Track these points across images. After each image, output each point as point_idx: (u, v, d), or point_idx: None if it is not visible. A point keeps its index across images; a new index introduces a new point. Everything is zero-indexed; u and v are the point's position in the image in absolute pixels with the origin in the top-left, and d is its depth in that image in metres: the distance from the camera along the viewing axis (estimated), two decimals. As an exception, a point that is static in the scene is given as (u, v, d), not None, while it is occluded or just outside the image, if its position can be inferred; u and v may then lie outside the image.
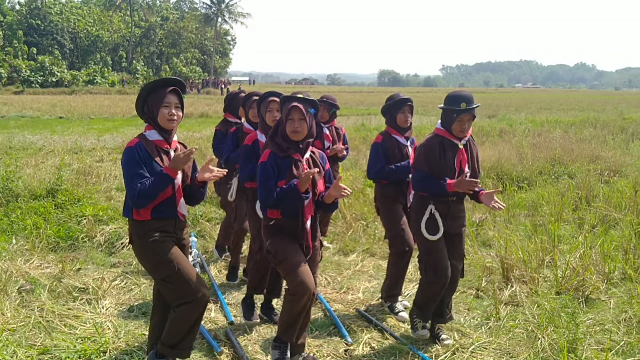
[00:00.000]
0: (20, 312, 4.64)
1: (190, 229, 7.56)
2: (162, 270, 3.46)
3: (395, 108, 5.02)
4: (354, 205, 8.26)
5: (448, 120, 4.22)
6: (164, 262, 3.44)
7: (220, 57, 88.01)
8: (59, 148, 14.54)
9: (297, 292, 3.72)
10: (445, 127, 4.25)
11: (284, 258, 3.80)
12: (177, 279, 3.45)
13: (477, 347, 4.33)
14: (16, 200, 7.90)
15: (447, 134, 4.25)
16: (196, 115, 29.35)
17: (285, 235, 3.88)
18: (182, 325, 3.55)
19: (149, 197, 3.32)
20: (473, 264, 6.10)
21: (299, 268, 3.75)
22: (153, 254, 3.46)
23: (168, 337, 3.58)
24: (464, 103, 4.13)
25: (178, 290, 3.48)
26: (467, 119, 4.16)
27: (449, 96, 4.29)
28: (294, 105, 3.77)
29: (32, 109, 31.95)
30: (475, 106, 4.16)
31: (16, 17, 70.56)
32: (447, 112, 4.22)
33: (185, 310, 3.50)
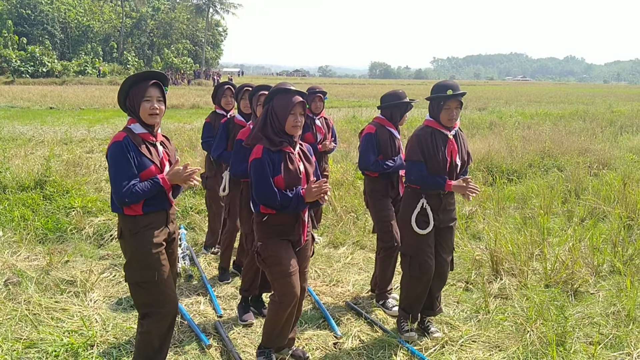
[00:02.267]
0: (7, 305, 4.60)
1: (180, 221, 7.53)
2: (141, 274, 3.36)
3: (405, 108, 5.02)
4: (344, 197, 8.25)
5: (436, 110, 4.21)
6: (147, 267, 3.35)
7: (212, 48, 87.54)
8: (48, 139, 14.43)
9: (284, 300, 3.69)
10: (434, 117, 4.24)
11: (274, 263, 3.72)
12: (152, 288, 3.37)
13: (466, 340, 4.34)
14: (4, 191, 7.84)
15: (437, 125, 4.23)
16: (187, 106, 29.22)
17: (278, 236, 3.76)
18: (150, 340, 3.47)
19: (137, 199, 3.26)
20: (463, 256, 6.11)
21: (289, 276, 3.68)
22: (141, 255, 3.36)
23: (138, 354, 3.52)
24: (450, 90, 4.12)
25: (146, 298, 3.41)
26: (454, 106, 4.16)
27: (435, 86, 4.29)
28: (300, 100, 3.71)
29: (23, 99, 31.65)
30: (462, 93, 4.15)
31: (6, 7, 69.76)
32: (435, 101, 4.22)
33: (151, 325, 3.44)
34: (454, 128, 4.27)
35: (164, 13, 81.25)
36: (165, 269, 3.42)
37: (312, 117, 6.63)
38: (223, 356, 4.09)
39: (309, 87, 6.75)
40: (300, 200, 3.63)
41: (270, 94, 3.83)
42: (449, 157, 4.20)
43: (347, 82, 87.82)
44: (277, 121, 3.72)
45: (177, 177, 3.35)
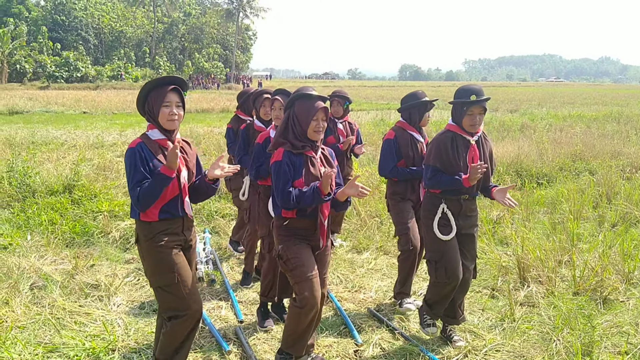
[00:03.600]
0: (31, 309, 4.67)
1: (205, 225, 7.57)
2: (162, 278, 3.39)
3: (425, 108, 4.95)
4: (369, 202, 8.18)
5: (458, 115, 4.13)
6: (166, 271, 3.37)
7: (242, 52, 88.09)
8: (80, 143, 14.67)
9: (305, 304, 3.65)
10: (457, 122, 4.16)
11: (295, 266, 3.69)
12: (174, 291, 3.39)
13: (490, 349, 4.24)
14: (33, 196, 7.98)
15: (459, 130, 4.15)
16: (217, 110, 29.45)
17: (298, 241, 3.75)
18: (173, 340, 3.49)
19: (150, 198, 3.25)
20: (489, 263, 6.01)
21: (310, 280, 3.65)
22: (157, 259, 3.38)
23: (161, 351, 3.54)
24: (474, 95, 4.03)
25: (172, 302, 3.42)
26: (477, 111, 4.07)
27: (458, 90, 4.21)
28: (323, 107, 3.69)
29: (57, 104, 32.32)
30: (485, 98, 4.06)
31: (41, 13, 71.45)
32: (457, 106, 4.14)
33: (177, 325, 3.45)
34: (477, 133, 4.19)
35: (195, 18, 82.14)
36: (184, 271, 3.43)
37: (334, 121, 6.61)
38: (242, 362, 4.08)
39: (332, 91, 6.74)
40: (316, 192, 3.56)
41: (291, 99, 3.82)
42: (470, 163, 4.11)
43: (376, 85, 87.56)
44: (299, 126, 3.70)
45: (169, 160, 3.25)
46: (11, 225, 6.99)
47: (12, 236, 6.49)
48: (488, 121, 20.28)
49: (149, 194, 3.24)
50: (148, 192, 3.24)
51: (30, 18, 69.82)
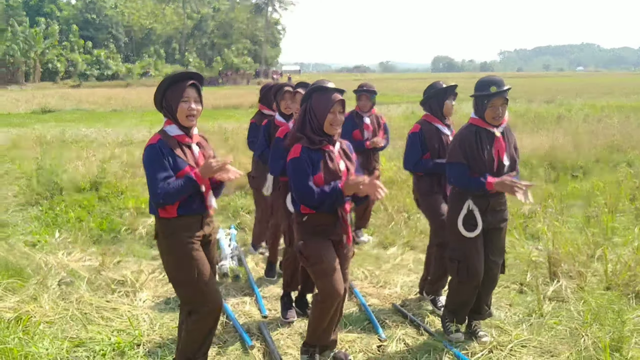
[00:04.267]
0: (59, 304, 4.73)
1: (231, 221, 7.59)
2: (180, 274, 3.38)
3: (444, 95, 4.86)
4: (397, 196, 8.10)
5: (480, 108, 4.02)
6: (185, 266, 3.37)
7: (271, 47, 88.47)
8: (110, 140, 14.88)
9: (327, 299, 3.62)
10: (479, 116, 4.06)
11: (316, 262, 3.65)
12: (192, 286, 3.38)
13: (516, 344, 4.15)
14: (60, 193, 8.11)
15: (482, 123, 4.05)
16: (246, 105, 29.58)
17: (319, 236, 3.70)
18: (195, 338, 3.50)
19: (174, 198, 3.25)
20: (519, 257, 5.89)
21: (332, 274, 3.61)
22: (176, 255, 3.38)
23: (184, 348, 3.55)
24: (494, 86, 3.93)
25: (191, 297, 3.43)
26: (499, 103, 3.96)
27: (478, 82, 4.10)
28: (340, 99, 3.64)
29: (88, 102, 32.96)
30: (506, 89, 3.95)
31: (72, 12, 72.82)
32: (478, 99, 4.03)
33: (197, 322, 3.45)
34: (502, 125, 4.08)
35: (224, 13, 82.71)
36: (203, 267, 3.41)
37: (360, 115, 6.55)
38: (265, 357, 4.07)
39: (359, 85, 6.68)
40: (338, 193, 3.51)
41: (308, 93, 3.77)
42: (496, 156, 4.00)
43: (408, 77, 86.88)
44: (316, 120, 3.65)
45: (208, 170, 3.28)
46: (40, 223, 7.12)
47: (41, 233, 6.61)
48: (523, 113, 19.93)
49: (174, 194, 3.23)
50: (174, 192, 3.23)
51: (61, 17, 71.22)
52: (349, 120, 6.44)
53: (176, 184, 3.24)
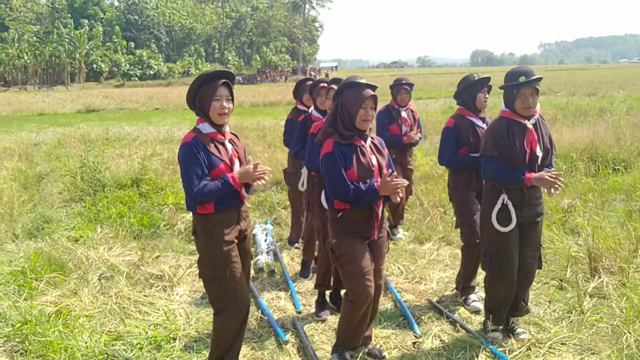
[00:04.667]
0: (98, 298, 4.84)
1: (267, 216, 7.64)
2: (213, 271, 3.43)
3: (475, 88, 4.79)
4: (432, 191, 8.02)
5: (510, 99, 3.96)
6: (219, 264, 3.41)
7: (309, 44, 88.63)
8: (151, 138, 15.15)
9: (357, 300, 3.61)
10: (510, 108, 3.99)
11: (348, 262, 3.65)
12: (223, 284, 3.43)
13: (555, 342, 4.06)
14: (103, 190, 8.30)
15: (514, 115, 3.98)
16: (284, 103, 29.72)
17: (353, 234, 3.69)
18: (224, 337, 3.54)
19: (211, 198, 3.31)
20: (558, 253, 5.76)
21: (363, 275, 3.60)
22: (212, 253, 3.43)
23: (214, 349, 3.60)
24: (523, 76, 3.85)
25: (219, 294, 3.47)
26: (529, 93, 3.88)
27: (507, 73, 4.04)
28: (371, 94, 3.63)
29: (131, 101, 33.62)
30: (536, 78, 3.86)
31: (115, 13, 74.44)
32: (508, 90, 3.97)
33: (225, 321, 3.49)
34: (534, 116, 4.00)
35: (262, 12, 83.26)
36: (236, 266, 3.46)
37: (397, 109, 6.51)
38: (299, 352, 4.08)
39: (395, 79, 6.65)
40: (374, 193, 3.53)
41: (340, 88, 3.78)
42: (529, 148, 3.92)
43: (446, 72, 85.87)
44: (347, 115, 3.65)
45: (246, 177, 3.36)
46: (83, 219, 7.30)
47: (84, 229, 6.77)
48: (564, 106, 19.48)
49: (210, 195, 3.29)
50: (210, 193, 3.29)
51: (105, 19, 72.85)
52: (385, 115, 6.42)
53: (212, 185, 3.30)
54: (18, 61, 61.80)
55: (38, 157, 13.05)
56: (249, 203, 7.72)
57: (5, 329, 4.15)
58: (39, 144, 15.02)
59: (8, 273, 5.20)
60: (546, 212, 6.75)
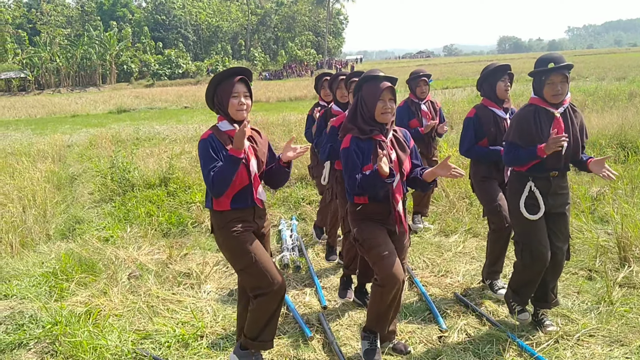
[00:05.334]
0: (127, 297, 4.93)
1: (292, 212, 7.67)
2: (241, 261, 3.51)
3: (494, 76, 4.73)
4: (458, 183, 7.94)
5: (539, 86, 3.91)
6: (242, 253, 3.48)
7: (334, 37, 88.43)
8: (180, 137, 15.33)
9: (386, 283, 3.60)
10: (538, 95, 3.94)
11: (371, 246, 3.66)
12: (255, 270, 3.49)
13: (584, 334, 4.00)
14: (132, 189, 8.44)
15: (542, 102, 3.92)
16: (310, 97, 29.75)
17: (373, 222, 3.73)
18: (260, 317, 3.59)
19: (223, 181, 3.34)
20: (587, 242, 5.66)
21: (388, 258, 3.60)
22: (232, 244, 3.51)
23: (249, 329, 3.65)
24: (552, 63, 3.79)
25: (255, 281, 3.52)
26: (558, 80, 3.81)
27: (537, 60, 3.99)
28: (388, 86, 3.62)
29: (161, 100, 34.06)
30: (565, 65, 3.80)
31: (143, 14, 75.35)
32: (537, 77, 3.92)
33: (263, 302, 3.54)
34: (563, 105, 3.93)
35: (287, 7, 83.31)
36: (259, 251, 3.53)
37: (417, 102, 6.47)
38: (324, 348, 4.10)
39: (411, 72, 6.60)
40: (377, 177, 3.43)
41: (358, 83, 3.78)
42: None
43: (473, 60, 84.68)
44: (367, 109, 3.65)
45: (236, 139, 3.33)
46: (113, 219, 7.44)
47: (113, 229, 6.89)
48: (593, 91, 19.09)
49: (221, 177, 3.33)
50: (220, 175, 3.33)
51: (133, 20, 73.81)
52: (404, 109, 6.38)
53: (220, 165, 3.35)
54: (51, 64, 63.01)
55: (71, 158, 13.33)
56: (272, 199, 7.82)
57: (36, 330, 4.25)
58: (71, 146, 15.35)
59: (40, 274, 5.34)
60: (574, 201, 6.67)
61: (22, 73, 60.96)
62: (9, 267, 5.68)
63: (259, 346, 3.67)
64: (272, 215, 7.42)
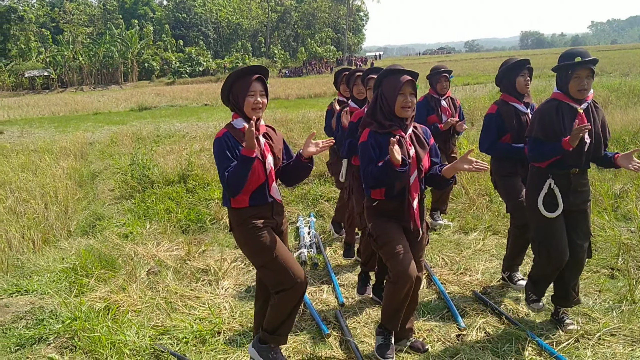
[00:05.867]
0: (146, 293, 4.96)
1: (310, 209, 7.66)
2: (261, 257, 3.51)
3: (513, 72, 4.67)
4: (478, 179, 7.87)
5: (564, 80, 3.84)
6: (262, 249, 3.49)
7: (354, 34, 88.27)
8: (200, 134, 15.41)
9: (399, 279, 3.57)
10: (562, 90, 3.87)
11: (385, 242, 3.65)
12: (275, 266, 3.49)
13: (605, 333, 3.93)
14: (152, 186, 8.51)
15: (565, 97, 3.85)
16: (330, 94, 29.74)
17: (388, 218, 3.71)
18: (281, 312, 3.59)
19: (238, 181, 3.33)
20: (609, 240, 5.57)
21: (401, 254, 3.57)
22: (251, 241, 3.51)
23: (268, 323, 3.65)
24: (579, 57, 3.72)
25: (276, 277, 3.52)
26: (584, 74, 3.75)
27: (562, 54, 3.93)
28: (408, 80, 3.59)
29: (181, 98, 34.28)
30: (592, 59, 3.73)
31: (164, 12, 75.95)
32: (562, 71, 3.85)
33: (284, 297, 3.53)
34: (586, 101, 3.86)
35: (307, 4, 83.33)
36: (279, 246, 3.53)
37: (437, 98, 6.42)
38: (341, 345, 4.08)
39: (432, 67, 6.55)
40: (389, 166, 3.39)
41: (379, 77, 3.76)
42: None
43: (494, 56, 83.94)
44: (387, 104, 3.63)
45: (247, 140, 3.29)
46: (133, 215, 7.50)
47: (133, 225, 6.95)
48: (617, 87, 18.79)
49: (235, 177, 3.32)
50: (234, 175, 3.32)
51: (155, 18, 74.44)
52: (423, 105, 6.33)
53: (234, 166, 3.33)
54: (73, 62, 63.78)
55: (92, 155, 13.48)
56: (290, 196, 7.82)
57: (56, 325, 4.29)
58: (93, 143, 15.52)
59: (60, 270, 5.40)
60: (597, 198, 6.57)
61: (46, 71, 61.80)
62: (30, 262, 5.76)
63: (275, 340, 3.67)
64: (290, 212, 7.42)
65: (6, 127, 21.72)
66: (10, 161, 11.79)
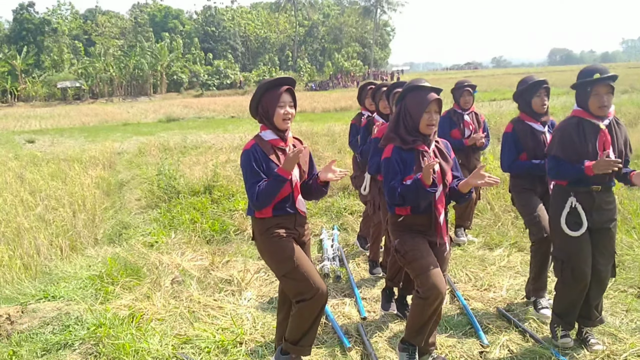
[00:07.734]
0: (170, 302, 5.01)
1: (333, 221, 7.67)
2: (282, 267, 3.54)
3: (529, 92, 4.65)
4: (504, 196, 7.80)
5: (583, 97, 3.81)
6: (284, 259, 3.52)
7: (380, 48, 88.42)
8: (226, 145, 15.57)
9: (429, 296, 3.54)
10: (582, 107, 3.84)
11: (414, 259, 3.62)
12: (296, 275, 3.51)
13: (632, 353, 3.85)
14: (177, 197, 8.61)
15: (586, 114, 3.82)
16: (355, 108, 29.74)
17: (414, 233, 3.70)
18: (302, 322, 3.60)
19: (267, 198, 3.40)
20: (637, 259, 5.46)
21: (431, 270, 3.55)
22: (274, 250, 3.55)
23: (290, 334, 3.67)
24: (597, 74, 3.69)
25: (298, 287, 3.54)
26: (604, 91, 3.71)
27: (581, 71, 3.90)
28: (435, 98, 3.59)
29: (209, 110, 34.71)
30: (611, 75, 3.70)
31: (193, 26, 77.10)
32: (581, 88, 3.82)
33: (305, 307, 3.55)
34: (608, 117, 3.82)
35: (334, 18, 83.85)
36: (301, 256, 3.56)
37: (460, 113, 6.41)
38: (363, 359, 4.07)
39: (457, 82, 6.55)
40: (419, 185, 3.41)
41: (403, 92, 3.75)
42: (601, 150, 3.75)
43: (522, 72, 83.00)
44: (411, 120, 3.62)
45: (288, 161, 3.38)
46: (158, 225, 7.59)
47: (158, 234, 7.04)
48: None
49: (266, 193, 3.38)
50: (266, 192, 3.38)
51: (184, 31, 75.58)
52: (446, 120, 6.31)
53: (265, 183, 3.40)
54: (104, 74, 64.93)
55: (120, 165, 13.71)
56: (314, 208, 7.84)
57: (81, 331, 4.35)
58: (122, 153, 15.80)
59: (87, 277, 5.49)
60: (625, 217, 6.47)
61: (78, 82, 63.01)
62: (58, 269, 5.87)
63: (298, 351, 3.68)
64: (314, 225, 7.43)
65: (38, 137, 22.21)
66: (41, 170, 12.04)
